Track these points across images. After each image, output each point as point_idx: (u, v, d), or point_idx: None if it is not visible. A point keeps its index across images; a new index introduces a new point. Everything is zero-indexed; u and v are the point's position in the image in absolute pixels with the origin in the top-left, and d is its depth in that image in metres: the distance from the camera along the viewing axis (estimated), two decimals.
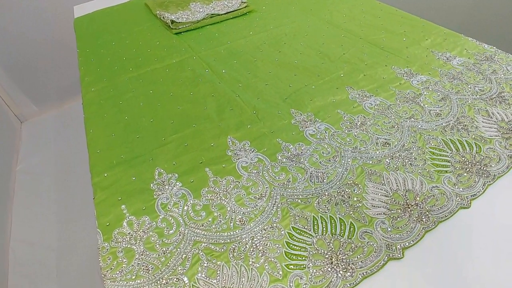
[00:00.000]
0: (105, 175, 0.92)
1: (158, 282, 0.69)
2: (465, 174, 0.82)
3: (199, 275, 0.69)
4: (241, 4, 1.62)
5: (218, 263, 0.70)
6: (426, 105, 1.02)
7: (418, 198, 0.77)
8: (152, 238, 0.76)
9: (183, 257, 0.72)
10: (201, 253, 0.72)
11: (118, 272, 0.72)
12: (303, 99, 1.08)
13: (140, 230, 0.78)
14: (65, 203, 2.07)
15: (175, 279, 0.69)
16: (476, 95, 1.04)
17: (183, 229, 0.77)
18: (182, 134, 1.01)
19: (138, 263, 0.72)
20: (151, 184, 0.88)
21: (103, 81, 1.27)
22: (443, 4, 2.23)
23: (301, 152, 0.91)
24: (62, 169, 2.25)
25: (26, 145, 2.44)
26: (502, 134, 0.91)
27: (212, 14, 1.57)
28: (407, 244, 0.70)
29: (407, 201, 0.77)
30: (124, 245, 0.76)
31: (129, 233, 0.78)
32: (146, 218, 0.80)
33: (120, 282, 0.70)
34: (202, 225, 0.77)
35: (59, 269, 1.75)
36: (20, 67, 2.28)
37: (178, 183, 0.87)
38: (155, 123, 1.06)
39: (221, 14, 1.58)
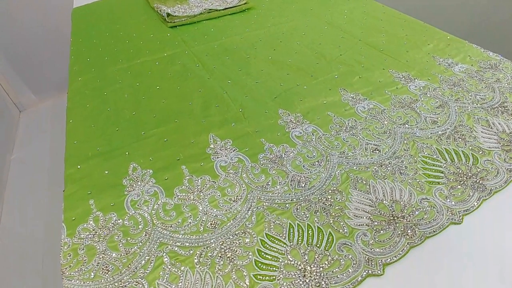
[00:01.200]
0: (79, 167, 0.86)
1: (117, 284, 0.63)
2: (459, 186, 0.75)
3: (160, 280, 0.63)
4: (241, 0, 1.56)
5: (182, 268, 0.64)
6: (422, 112, 0.95)
7: (405, 210, 0.70)
8: (116, 237, 0.70)
9: (146, 259, 0.66)
10: (165, 256, 0.66)
11: (76, 270, 0.66)
12: (293, 99, 1.02)
13: (105, 227, 0.72)
14: (57, 195, 2.03)
15: (134, 282, 0.63)
16: (477, 104, 0.96)
17: (149, 229, 0.71)
18: (163, 129, 0.95)
19: (98, 263, 0.66)
20: (124, 180, 0.82)
21: (91, 71, 1.22)
22: (450, 11, 2.15)
23: (285, 154, 0.84)
24: (57, 160, 2.21)
25: (23, 134, 2.41)
26: (502, 146, 0.84)
27: (210, 9, 1.52)
28: (389, 259, 0.63)
29: (393, 212, 0.70)
30: (86, 242, 0.70)
31: (93, 230, 0.72)
32: (114, 215, 0.74)
33: (77, 282, 0.64)
34: (171, 226, 0.71)
35: (45, 261, 1.70)
36: (21, 56, 2.25)
37: (151, 180, 0.81)
38: (136, 116, 1.00)
39: (219, 10, 1.52)
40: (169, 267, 0.64)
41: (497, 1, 2.09)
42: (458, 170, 0.78)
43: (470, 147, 0.84)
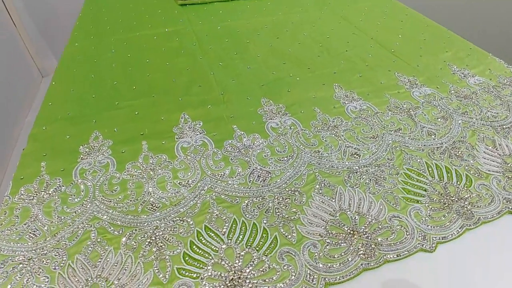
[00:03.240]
0: (44, 128, 0.81)
1: (37, 251, 0.57)
2: (441, 209, 0.62)
3: (80, 255, 0.56)
4: None
5: (106, 247, 0.57)
6: (420, 121, 0.82)
7: (369, 226, 0.59)
8: (54, 203, 0.64)
9: (73, 231, 0.59)
10: (93, 232, 0.59)
11: (7, 229, 0.60)
12: (281, 89, 0.92)
13: (47, 192, 0.66)
14: None
15: (54, 253, 0.56)
16: (486, 121, 0.82)
17: (88, 200, 0.64)
18: (138, 102, 0.88)
19: (28, 226, 0.61)
20: (82, 147, 0.76)
21: (90, 38, 1.17)
22: (482, 23, 1.94)
23: (253, 145, 0.75)
24: None
25: (42, 99, 2.45)
26: (504, 171, 0.70)
27: None
28: (335, 279, 0.52)
29: (355, 226, 0.59)
30: (25, 203, 0.64)
31: (35, 192, 0.66)
32: (59, 181, 0.68)
33: (3, 242, 0.59)
34: (110, 201, 0.64)
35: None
36: (49, 23, 2.28)
37: (108, 151, 0.75)
38: (116, 86, 0.94)
39: None
40: (94, 243, 0.57)
41: None
42: (445, 190, 0.66)
43: (466, 167, 0.70)
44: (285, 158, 0.72)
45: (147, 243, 0.57)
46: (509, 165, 0.71)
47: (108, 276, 0.53)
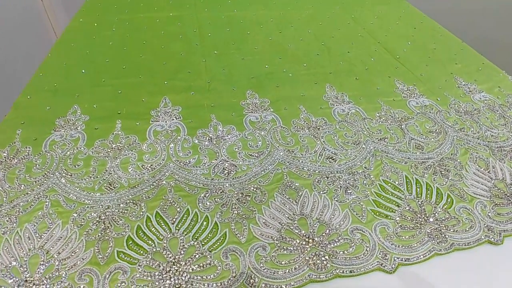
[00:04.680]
0: (29, 97, 0.81)
1: None
2: (411, 228, 0.57)
3: (29, 224, 0.54)
4: None
5: (56, 220, 0.55)
6: (410, 132, 0.75)
7: (328, 235, 0.54)
8: (18, 170, 0.63)
9: (29, 200, 0.58)
10: (47, 203, 0.57)
11: None
12: (270, 83, 0.87)
13: (16, 158, 0.65)
14: None
15: (7, 218, 0.55)
16: (484, 140, 0.75)
17: (50, 172, 0.63)
18: (123, 81, 0.86)
19: None
20: (58, 119, 0.74)
21: (95, 15, 1.17)
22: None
23: (227, 136, 0.71)
24: None
25: None
26: (492, 196, 0.63)
27: None
28: (276, 286, 0.48)
29: (312, 233, 0.54)
30: None
31: (4, 158, 0.65)
32: (29, 149, 0.67)
33: None
34: (71, 176, 0.62)
35: None
36: None
37: (82, 126, 0.73)
38: (107, 64, 0.92)
39: None
40: (45, 215, 0.56)
41: None
42: (420, 208, 0.60)
43: (450, 186, 0.64)
44: (256, 154, 0.67)
45: (95, 222, 0.55)
46: (499, 190, 0.64)
47: (50, 248, 0.51)
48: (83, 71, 0.90)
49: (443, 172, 0.66)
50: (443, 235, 0.56)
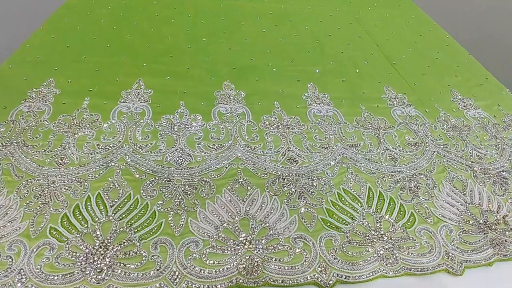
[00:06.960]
0: (10, 66, 0.80)
1: None
2: (361, 244, 0.52)
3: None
4: None
5: (2, 188, 0.55)
6: (387, 142, 0.70)
7: (264, 239, 0.50)
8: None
9: None
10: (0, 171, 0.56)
11: None
12: (250, 76, 0.83)
13: None
14: None
15: None
16: (467, 160, 0.68)
17: (8, 142, 0.61)
18: (104, 59, 0.84)
19: None
20: (31, 91, 0.73)
21: None
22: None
23: (191, 126, 0.67)
24: None
25: None
26: (462, 221, 0.57)
27: None
28: (200, 286, 0.45)
29: (251, 236, 0.50)
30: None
31: None
32: None
33: None
34: (27, 147, 0.60)
35: None
36: None
37: (51, 99, 0.71)
38: (94, 41, 0.90)
39: None
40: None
41: None
42: (376, 224, 0.54)
43: (415, 205, 0.58)
44: (215, 146, 0.64)
45: (37, 195, 0.53)
46: (471, 216, 0.58)
47: None
48: (68, 46, 0.88)
49: (412, 189, 0.61)
50: (394, 256, 0.51)
